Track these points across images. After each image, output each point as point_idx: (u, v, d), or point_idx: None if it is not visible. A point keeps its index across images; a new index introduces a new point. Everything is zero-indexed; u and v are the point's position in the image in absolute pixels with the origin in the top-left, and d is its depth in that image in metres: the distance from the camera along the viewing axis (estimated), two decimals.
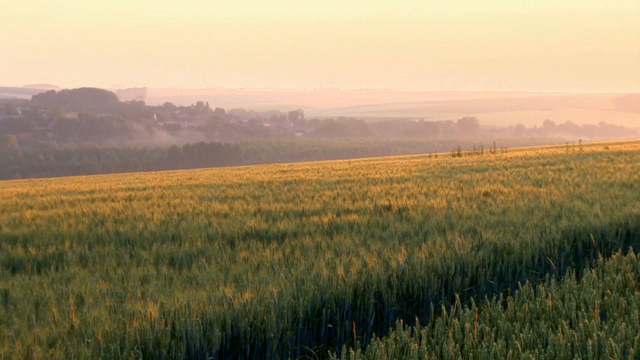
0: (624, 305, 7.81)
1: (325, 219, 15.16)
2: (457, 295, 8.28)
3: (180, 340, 7.93)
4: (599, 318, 7.50)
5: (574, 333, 6.93)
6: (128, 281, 10.38)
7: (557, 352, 6.63)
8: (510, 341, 7.02)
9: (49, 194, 27.67)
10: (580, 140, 53.74)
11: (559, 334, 6.83)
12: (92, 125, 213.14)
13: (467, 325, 7.17)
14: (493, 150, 47.53)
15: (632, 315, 7.33)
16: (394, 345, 6.87)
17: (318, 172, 33.19)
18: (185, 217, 16.67)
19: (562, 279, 9.13)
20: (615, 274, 9.14)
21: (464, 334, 7.16)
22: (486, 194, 19.03)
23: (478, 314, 7.73)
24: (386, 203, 17.37)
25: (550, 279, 10.17)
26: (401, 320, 7.43)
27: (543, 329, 7.19)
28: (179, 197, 21.94)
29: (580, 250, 12.59)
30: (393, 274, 10.02)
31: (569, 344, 6.77)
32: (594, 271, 9.26)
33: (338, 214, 16.10)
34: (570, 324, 7.56)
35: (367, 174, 29.32)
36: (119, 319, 8.13)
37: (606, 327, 7.07)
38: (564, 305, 7.92)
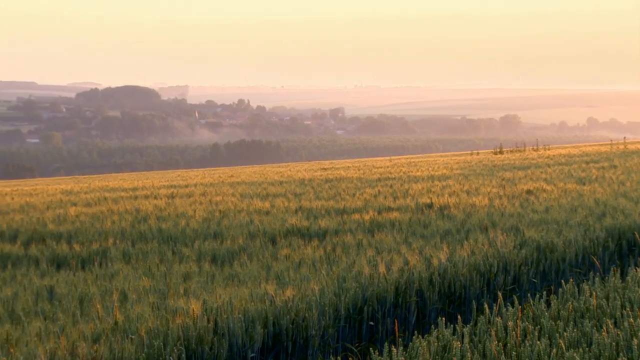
0: None
1: (366, 217, 15.14)
2: (500, 294, 8.23)
3: (223, 337, 7.97)
4: None
5: (618, 332, 6.86)
6: (171, 278, 10.45)
7: (602, 352, 6.57)
8: (554, 340, 6.96)
9: (93, 191, 27.95)
10: (624, 137, 53.09)
11: (604, 333, 6.76)
12: (135, 123, 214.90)
13: (510, 323, 7.13)
14: (535, 147, 47.15)
15: None
16: (436, 344, 6.84)
17: (359, 170, 33.16)
18: (227, 215, 16.75)
19: (607, 277, 9.03)
20: None
21: (507, 333, 7.12)
22: (529, 191, 18.89)
23: (521, 313, 7.68)
24: (428, 201, 17.31)
25: (594, 278, 10.06)
26: (443, 319, 7.40)
27: (587, 328, 7.12)
28: (220, 195, 22.05)
29: (624, 249, 12.46)
30: (435, 272, 9.99)
31: (614, 343, 6.70)
32: (639, 270, 9.15)
33: (379, 212, 16.07)
34: (615, 323, 7.47)
35: (408, 172, 29.24)
36: (161, 315, 8.19)
37: None
38: (608, 304, 7.84)
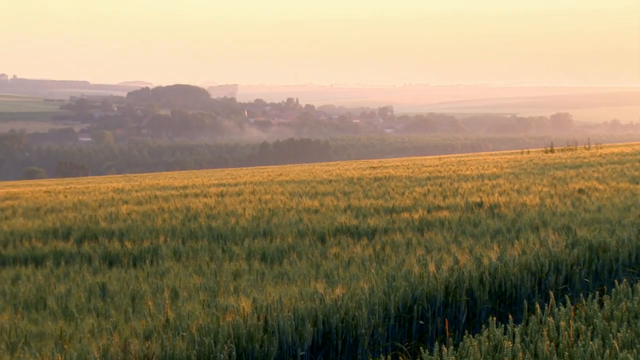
0: None
1: (415, 216, 15.10)
2: (552, 294, 8.15)
3: (273, 335, 7.99)
4: None
5: None
6: (221, 276, 10.52)
7: None
8: (607, 341, 6.87)
9: (144, 189, 28.21)
10: None
11: None
12: (185, 121, 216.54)
13: (563, 323, 7.05)
14: (587, 146, 46.61)
15: None
16: (487, 343, 6.80)
17: (408, 169, 33.06)
18: (276, 213, 16.80)
19: None
20: None
21: (559, 333, 7.05)
22: (580, 190, 18.68)
23: (574, 313, 7.60)
24: (477, 200, 17.20)
25: None
26: (494, 318, 7.35)
27: None
28: (269, 193, 22.13)
29: None
30: (485, 271, 9.92)
31: None
32: None
33: (429, 211, 16.01)
34: None
35: (458, 171, 29.08)
36: (212, 313, 8.24)
37: None
38: None
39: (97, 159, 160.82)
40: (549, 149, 45.50)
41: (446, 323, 8.37)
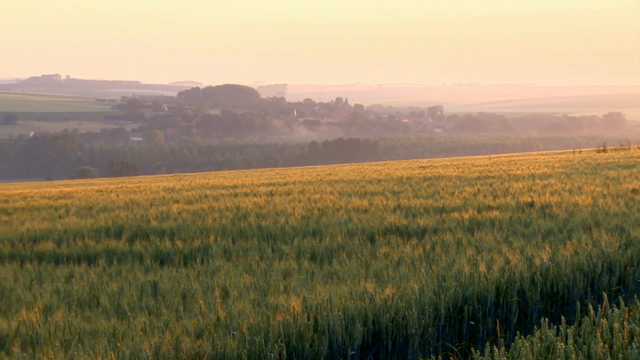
0: None
1: (465, 215, 15.01)
2: (605, 295, 8.05)
3: (323, 334, 8.00)
4: None
5: None
6: (271, 275, 10.56)
7: None
8: None
9: (194, 188, 28.42)
10: None
11: None
12: (234, 121, 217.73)
13: (616, 325, 6.96)
14: None
15: None
16: (539, 344, 6.73)
17: (458, 168, 32.89)
18: (325, 212, 16.81)
19: None
20: None
21: (613, 335, 6.96)
22: (634, 190, 18.42)
23: (628, 314, 7.49)
24: (528, 200, 17.05)
25: None
26: (546, 319, 7.28)
27: None
28: (319, 193, 22.15)
29: None
30: (537, 272, 9.83)
31: None
32: None
33: (479, 210, 15.91)
34: None
35: (508, 170, 28.86)
36: (262, 312, 8.28)
37: None
38: None
39: (148, 158, 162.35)
40: (602, 148, 44.95)
41: (497, 324, 8.31)
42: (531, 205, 16.44)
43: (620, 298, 7.97)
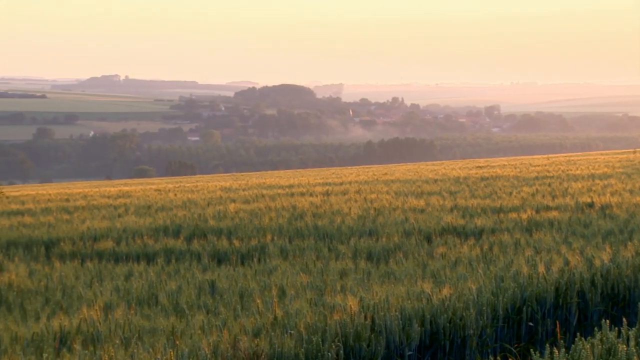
0: None
1: (524, 216, 14.87)
2: None
3: (380, 334, 7.99)
4: None
5: None
6: (327, 274, 10.57)
7: None
8: None
9: (251, 188, 28.57)
10: None
11: None
12: (290, 121, 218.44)
13: None
14: None
15: None
16: (600, 346, 6.64)
17: (515, 168, 32.59)
18: (381, 212, 16.78)
19: None
20: None
21: None
22: None
23: None
24: (588, 200, 16.84)
25: None
26: (607, 321, 7.17)
27: None
28: (375, 192, 22.12)
29: None
30: (597, 273, 9.70)
31: None
32: None
33: (537, 211, 15.75)
34: None
35: (567, 170, 28.52)
36: (319, 311, 8.29)
37: None
38: None
39: (205, 157, 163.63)
40: None
41: (557, 325, 8.21)
42: (591, 205, 16.23)
43: None
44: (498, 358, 7.79)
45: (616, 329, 7.15)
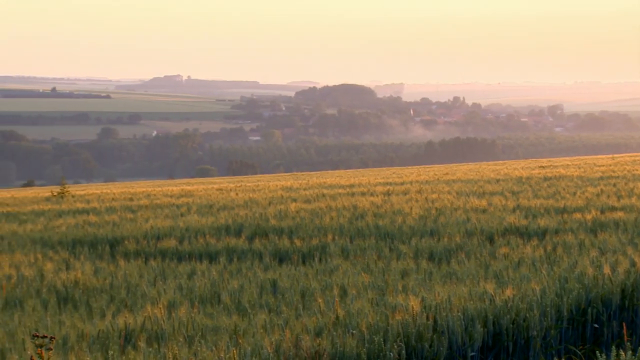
0: None
1: (588, 216, 14.67)
2: None
3: (442, 334, 7.95)
4: None
5: None
6: (389, 274, 10.55)
7: None
8: None
9: (311, 187, 28.63)
10: None
11: None
12: (351, 120, 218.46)
13: None
14: None
15: None
16: None
17: (579, 168, 32.16)
18: (443, 212, 16.69)
19: None
20: None
21: None
22: None
23: None
24: None
25: None
26: None
27: None
28: (436, 192, 22.00)
29: None
30: None
31: None
32: None
33: (602, 211, 15.52)
34: None
35: (633, 170, 28.05)
36: (381, 311, 8.28)
37: None
38: None
39: (266, 157, 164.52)
40: None
41: (624, 327, 8.08)
42: None
43: None
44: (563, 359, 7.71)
45: None
